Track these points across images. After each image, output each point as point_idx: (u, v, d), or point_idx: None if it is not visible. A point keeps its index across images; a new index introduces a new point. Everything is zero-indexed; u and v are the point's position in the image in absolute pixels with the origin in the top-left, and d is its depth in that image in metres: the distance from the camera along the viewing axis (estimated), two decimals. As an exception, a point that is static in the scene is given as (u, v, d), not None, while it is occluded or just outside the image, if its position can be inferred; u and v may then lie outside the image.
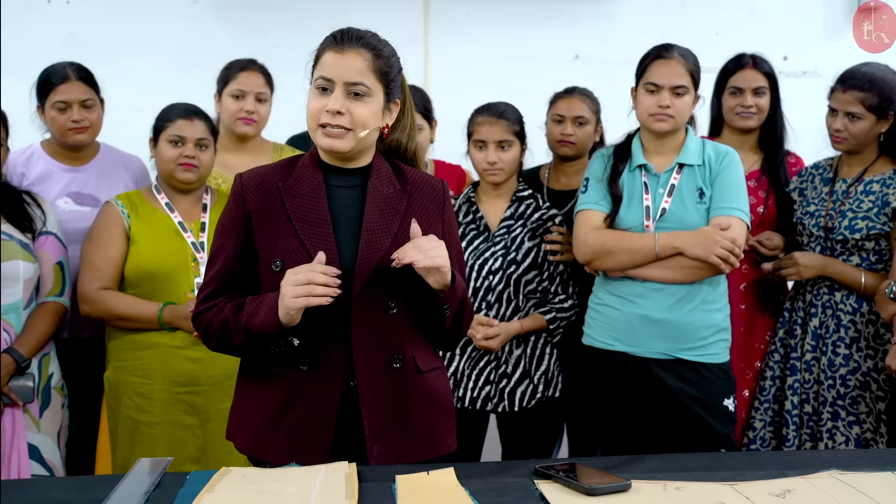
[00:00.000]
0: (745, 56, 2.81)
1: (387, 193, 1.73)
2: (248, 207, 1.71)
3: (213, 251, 1.76)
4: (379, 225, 1.69)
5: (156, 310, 2.45)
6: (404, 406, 1.72)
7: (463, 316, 1.77)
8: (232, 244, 1.72)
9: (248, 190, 1.72)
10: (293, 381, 1.70)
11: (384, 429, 1.70)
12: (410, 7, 3.91)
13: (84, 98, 2.66)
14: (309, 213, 1.69)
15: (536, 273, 2.62)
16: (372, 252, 1.67)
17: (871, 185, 2.56)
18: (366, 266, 1.66)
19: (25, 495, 1.47)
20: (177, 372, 2.45)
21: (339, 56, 1.66)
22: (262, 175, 1.74)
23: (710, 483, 1.48)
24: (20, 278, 2.36)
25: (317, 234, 1.67)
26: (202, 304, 1.74)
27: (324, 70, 1.66)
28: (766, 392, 2.73)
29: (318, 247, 1.65)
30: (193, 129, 2.51)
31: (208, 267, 1.76)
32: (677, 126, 2.43)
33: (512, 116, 2.62)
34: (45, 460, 2.39)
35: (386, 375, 1.71)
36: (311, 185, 1.71)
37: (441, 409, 1.79)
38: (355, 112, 1.66)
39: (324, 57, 1.67)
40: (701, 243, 2.33)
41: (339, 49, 1.66)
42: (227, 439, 1.82)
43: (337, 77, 1.65)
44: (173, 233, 2.52)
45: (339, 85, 1.65)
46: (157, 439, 2.44)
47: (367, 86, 1.67)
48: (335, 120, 1.65)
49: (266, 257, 1.70)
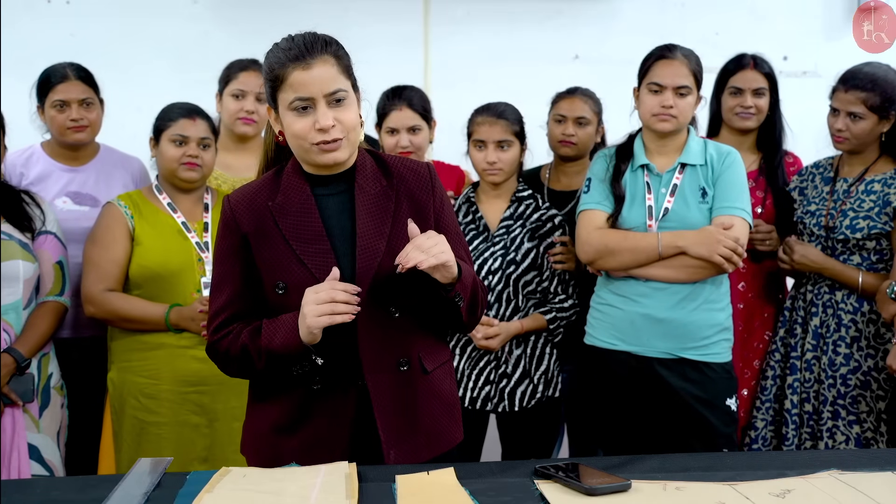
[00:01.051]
0: (745, 56, 2.81)
1: (374, 193, 1.70)
2: (244, 230, 1.68)
3: (216, 280, 1.73)
4: (371, 229, 1.67)
5: (162, 311, 2.44)
6: (414, 407, 1.72)
7: (477, 300, 1.74)
8: (237, 270, 1.70)
9: (238, 213, 1.69)
10: (305, 394, 1.69)
11: (398, 432, 1.70)
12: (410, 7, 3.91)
13: (83, 97, 2.66)
14: (304, 231, 1.66)
15: (536, 273, 2.62)
16: (369, 259, 1.66)
17: (872, 184, 2.56)
18: (365, 273, 1.65)
19: (25, 495, 1.47)
20: (184, 372, 2.45)
21: (308, 71, 1.60)
22: (250, 195, 1.71)
23: (710, 483, 1.48)
24: (20, 278, 2.36)
25: (315, 251, 1.65)
26: (215, 333, 1.71)
27: (298, 90, 1.61)
28: (766, 391, 2.73)
29: (318, 264, 1.64)
30: (196, 129, 2.51)
31: (214, 296, 1.73)
32: (680, 126, 2.43)
33: (511, 116, 2.62)
34: (45, 460, 2.39)
35: (395, 379, 1.70)
36: (301, 201, 1.68)
37: (447, 403, 1.79)
38: (343, 118, 1.63)
39: (291, 77, 1.61)
40: (704, 243, 2.33)
41: (306, 65, 1.60)
42: (241, 454, 1.81)
43: (315, 93, 1.61)
44: (177, 233, 2.52)
45: (319, 100, 1.61)
46: (165, 440, 2.44)
47: (344, 89, 1.64)
48: (330, 135, 1.62)
49: (269, 279, 1.68)
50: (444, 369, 1.81)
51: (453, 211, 1.84)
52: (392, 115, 2.71)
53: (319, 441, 1.68)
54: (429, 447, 1.73)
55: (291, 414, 1.70)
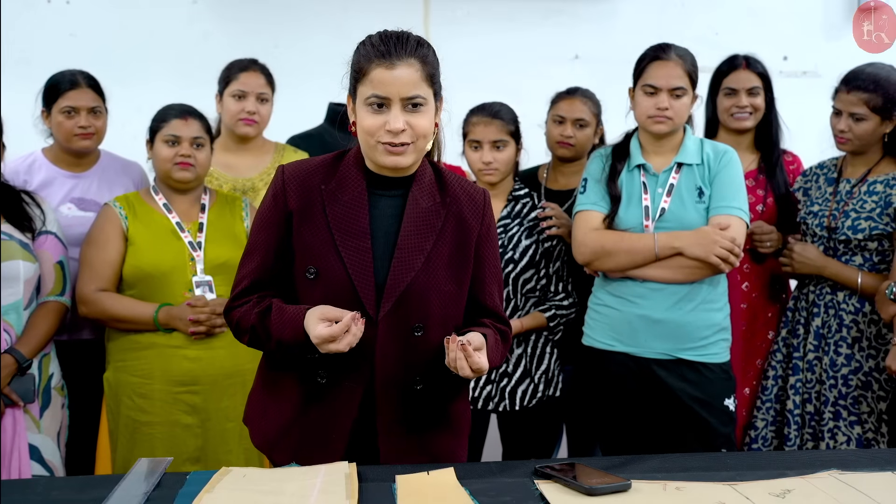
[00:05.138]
0: (737, 57, 2.82)
1: (425, 207, 1.68)
2: (290, 207, 1.67)
3: (249, 246, 1.73)
4: (414, 243, 1.66)
5: (152, 311, 2.45)
6: (422, 428, 1.71)
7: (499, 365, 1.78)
8: (272, 241, 1.69)
9: (290, 188, 1.68)
10: (314, 390, 1.69)
11: (399, 450, 1.69)
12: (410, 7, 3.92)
13: (92, 105, 2.68)
14: (349, 224, 1.65)
15: (534, 272, 2.62)
16: (403, 272, 1.64)
17: (874, 185, 2.56)
18: (396, 286, 1.64)
19: (25, 495, 1.47)
20: (176, 371, 2.45)
21: (391, 71, 1.58)
22: (305, 172, 1.69)
23: (710, 483, 1.48)
24: (20, 278, 2.36)
25: (355, 246, 1.64)
26: (234, 300, 1.72)
27: (376, 88, 1.59)
28: (768, 391, 2.73)
29: (354, 260, 1.63)
30: (189, 129, 2.51)
31: (244, 261, 1.73)
32: (676, 127, 2.43)
33: (507, 116, 2.62)
34: (46, 460, 2.39)
35: (407, 396, 1.69)
36: (354, 194, 1.67)
37: (457, 429, 1.79)
38: (416, 125, 1.61)
39: (372, 73, 1.59)
40: (700, 243, 2.33)
41: (390, 64, 1.58)
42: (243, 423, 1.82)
43: (393, 94, 1.58)
44: (170, 233, 2.53)
45: (395, 101, 1.59)
46: (157, 439, 2.44)
47: (423, 96, 1.61)
48: (399, 138, 1.60)
49: (301, 261, 1.67)
50: (461, 396, 1.80)
51: (497, 244, 1.82)
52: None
53: (319, 440, 1.69)
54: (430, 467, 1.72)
55: (298, 405, 1.70)
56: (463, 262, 1.71)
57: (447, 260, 1.68)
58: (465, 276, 1.71)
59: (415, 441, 1.71)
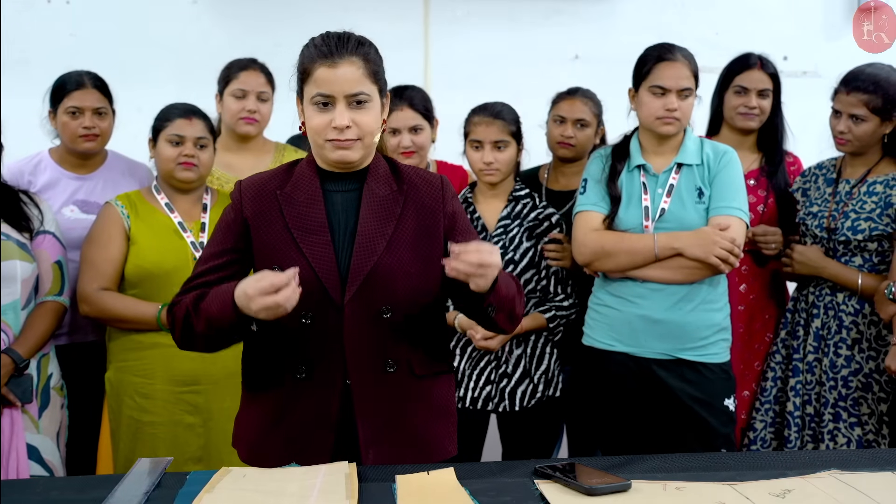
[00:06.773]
0: (752, 56, 2.78)
1: (382, 195, 1.72)
2: (246, 214, 1.72)
3: (203, 252, 1.78)
4: (373, 229, 1.69)
5: (154, 310, 2.45)
6: (400, 410, 1.72)
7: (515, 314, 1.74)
8: (226, 246, 1.73)
9: (245, 197, 1.73)
10: (291, 388, 1.70)
11: (378, 433, 1.69)
12: (410, 7, 3.92)
13: (97, 106, 2.68)
14: (307, 221, 1.69)
15: (534, 272, 2.62)
16: (366, 257, 1.67)
17: (874, 186, 2.56)
18: (359, 271, 1.66)
19: (25, 495, 1.47)
20: (178, 371, 2.45)
21: (333, 70, 1.63)
22: (261, 181, 1.75)
23: (710, 483, 1.48)
24: (18, 278, 2.35)
25: (314, 241, 1.67)
26: (178, 295, 1.73)
27: (320, 86, 1.63)
28: (767, 393, 2.73)
29: (316, 254, 1.66)
30: (192, 129, 2.51)
31: (196, 265, 1.78)
32: (682, 128, 2.43)
33: (508, 116, 2.61)
34: (45, 461, 2.39)
35: (380, 379, 1.70)
36: (309, 193, 1.71)
37: (440, 413, 1.78)
38: (361, 121, 1.65)
39: (316, 73, 1.64)
40: (700, 244, 2.33)
41: (332, 63, 1.63)
42: (233, 447, 1.82)
43: (336, 91, 1.63)
44: (173, 233, 2.52)
45: (339, 99, 1.63)
46: (160, 439, 2.44)
47: (366, 93, 1.65)
48: (344, 135, 1.64)
49: (262, 265, 1.69)
50: (441, 379, 1.80)
51: (470, 224, 1.83)
52: (394, 115, 2.70)
53: (305, 435, 1.69)
54: (415, 453, 1.71)
55: (278, 406, 1.71)
56: (430, 245, 1.72)
57: (412, 244, 1.70)
58: (433, 258, 1.71)
59: (396, 425, 1.71)
